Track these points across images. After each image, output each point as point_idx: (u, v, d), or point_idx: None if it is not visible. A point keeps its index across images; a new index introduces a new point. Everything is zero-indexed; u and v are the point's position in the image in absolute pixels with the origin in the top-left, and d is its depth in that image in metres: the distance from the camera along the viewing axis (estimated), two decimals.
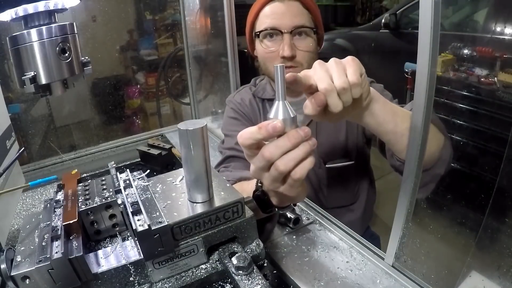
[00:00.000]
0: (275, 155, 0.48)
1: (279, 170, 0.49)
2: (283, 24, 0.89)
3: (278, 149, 0.48)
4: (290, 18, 0.89)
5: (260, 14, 0.94)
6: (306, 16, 0.91)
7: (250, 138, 0.49)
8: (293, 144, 0.48)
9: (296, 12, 0.90)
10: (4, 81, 1.35)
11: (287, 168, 0.48)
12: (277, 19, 0.90)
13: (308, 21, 0.91)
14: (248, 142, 0.50)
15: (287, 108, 0.49)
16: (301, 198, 0.62)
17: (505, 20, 1.01)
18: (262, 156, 0.49)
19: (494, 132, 0.92)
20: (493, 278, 0.54)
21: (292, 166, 0.48)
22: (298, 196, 0.58)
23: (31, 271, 0.45)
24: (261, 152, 0.49)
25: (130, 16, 1.96)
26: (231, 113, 1.06)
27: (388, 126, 0.61)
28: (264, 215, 0.63)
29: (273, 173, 0.50)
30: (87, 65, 0.53)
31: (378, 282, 0.64)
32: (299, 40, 0.91)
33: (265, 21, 0.92)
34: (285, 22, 0.89)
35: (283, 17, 0.89)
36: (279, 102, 0.49)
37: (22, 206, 0.97)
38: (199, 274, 0.54)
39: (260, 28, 0.94)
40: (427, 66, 0.53)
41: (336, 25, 5.81)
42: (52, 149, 1.47)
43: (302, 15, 0.90)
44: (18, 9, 0.46)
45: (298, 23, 0.89)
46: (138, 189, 0.58)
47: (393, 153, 0.68)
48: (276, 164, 0.49)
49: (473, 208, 0.65)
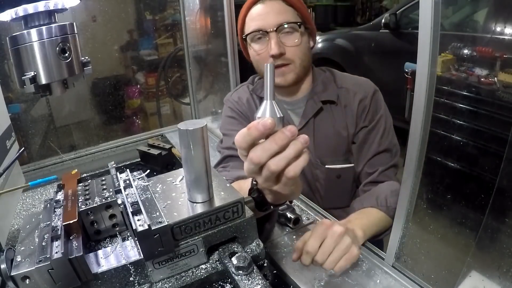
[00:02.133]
0: (263, 158, 0.48)
1: (271, 170, 0.48)
2: (267, 24, 0.90)
3: (265, 152, 0.48)
4: (274, 16, 0.90)
5: (246, 18, 0.95)
6: (291, 12, 0.91)
7: (243, 141, 0.49)
8: (280, 146, 0.48)
9: (279, 10, 0.90)
10: (4, 81, 1.35)
11: (278, 167, 0.48)
12: (261, 20, 0.91)
13: (292, 17, 0.91)
14: (243, 145, 0.49)
15: (275, 108, 0.49)
16: (296, 195, 0.62)
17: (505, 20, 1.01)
18: (250, 160, 0.49)
19: (494, 132, 0.92)
20: (493, 278, 0.54)
21: (284, 165, 0.48)
22: (293, 194, 0.58)
23: (31, 271, 0.45)
24: (249, 157, 0.49)
25: (130, 16, 1.96)
26: (229, 112, 1.06)
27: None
28: (261, 213, 0.63)
29: (265, 173, 0.50)
30: (87, 65, 0.53)
31: (378, 282, 0.64)
32: (286, 37, 0.91)
33: (251, 24, 0.93)
34: (268, 21, 0.90)
35: (267, 17, 0.90)
36: (267, 101, 0.49)
37: (22, 206, 0.97)
38: (199, 274, 0.54)
39: (247, 32, 0.95)
40: (427, 66, 0.53)
41: (336, 25, 5.82)
42: (52, 149, 1.47)
43: (285, 12, 0.91)
44: (18, 9, 0.46)
45: (282, 20, 0.89)
46: (138, 189, 0.58)
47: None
48: (267, 164, 0.48)
49: (473, 208, 0.65)
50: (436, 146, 0.63)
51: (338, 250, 0.62)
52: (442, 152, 0.77)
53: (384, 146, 0.93)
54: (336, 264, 0.62)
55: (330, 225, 0.64)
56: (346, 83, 0.98)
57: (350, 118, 0.96)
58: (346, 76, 1.02)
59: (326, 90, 0.97)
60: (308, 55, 0.96)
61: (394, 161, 0.93)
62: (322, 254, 0.63)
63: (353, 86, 0.97)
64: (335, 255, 0.62)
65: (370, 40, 3.30)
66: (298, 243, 0.65)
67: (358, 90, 0.96)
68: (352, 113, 0.95)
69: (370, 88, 0.97)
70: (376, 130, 0.94)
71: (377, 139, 0.93)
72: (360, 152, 0.95)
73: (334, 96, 0.96)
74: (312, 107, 0.97)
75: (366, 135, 0.94)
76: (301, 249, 0.64)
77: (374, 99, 0.96)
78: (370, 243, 0.75)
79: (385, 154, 0.93)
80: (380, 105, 0.96)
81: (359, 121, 0.95)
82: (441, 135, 0.80)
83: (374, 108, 0.95)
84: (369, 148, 0.93)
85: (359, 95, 0.95)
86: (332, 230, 0.63)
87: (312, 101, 0.97)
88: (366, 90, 0.96)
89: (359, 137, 0.95)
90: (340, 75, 1.02)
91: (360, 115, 0.95)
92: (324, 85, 0.98)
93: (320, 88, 0.98)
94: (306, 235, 0.65)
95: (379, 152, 0.93)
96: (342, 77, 1.01)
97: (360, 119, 0.95)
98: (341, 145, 0.96)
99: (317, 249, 0.63)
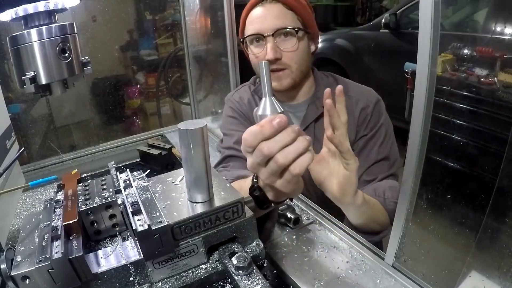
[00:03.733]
0: (274, 149, 0.48)
1: (279, 163, 0.48)
2: (264, 28, 0.89)
3: (277, 143, 0.48)
4: (271, 21, 0.89)
5: (246, 21, 0.95)
6: (290, 17, 0.90)
7: (254, 139, 0.49)
8: (292, 138, 0.48)
9: (278, 14, 0.89)
10: (4, 81, 1.35)
11: (286, 161, 0.48)
12: (259, 23, 0.90)
13: (291, 21, 0.90)
14: (254, 143, 0.49)
15: (275, 105, 0.49)
16: (297, 193, 0.62)
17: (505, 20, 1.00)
18: (260, 151, 0.49)
19: (494, 132, 0.92)
20: (493, 278, 0.54)
21: (292, 159, 0.48)
22: (295, 191, 0.58)
23: (31, 271, 0.45)
24: (259, 148, 0.49)
25: (130, 16, 1.96)
26: (230, 112, 1.06)
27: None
28: (262, 212, 0.63)
29: (272, 167, 0.49)
30: (87, 65, 0.53)
31: (378, 282, 0.64)
32: (283, 42, 0.90)
33: (249, 27, 0.93)
34: (266, 25, 0.89)
35: (265, 20, 0.90)
36: (266, 98, 0.49)
37: (22, 206, 0.97)
38: (199, 274, 0.54)
39: (246, 34, 0.94)
40: (427, 66, 0.53)
41: (336, 25, 5.82)
42: (52, 149, 1.47)
43: (284, 16, 0.89)
44: (18, 9, 0.46)
45: (279, 25, 0.88)
46: (138, 189, 0.58)
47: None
48: (276, 157, 0.48)
49: (473, 208, 0.65)
50: (436, 146, 0.63)
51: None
52: (442, 152, 0.77)
53: (383, 154, 0.92)
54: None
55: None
56: (349, 90, 0.98)
57: (351, 126, 0.94)
58: (349, 83, 1.01)
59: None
60: (306, 60, 0.95)
61: (392, 170, 0.92)
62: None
63: (356, 94, 0.97)
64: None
65: (370, 40, 3.30)
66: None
67: (361, 98, 0.95)
68: (353, 120, 0.94)
69: (372, 98, 0.96)
70: (375, 138, 0.93)
71: (376, 148, 0.92)
72: (359, 160, 0.94)
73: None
74: (314, 112, 0.96)
75: (366, 143, 0.93)
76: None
77: (376, 109, 0.95)
78: (370, 243, 0.75)
79: (384, 163, 0.92)
80: (381, 114, 0.95)
81: (360, 130, 0.95)
82: (441, 135, 0.79)
83: (376, 117, 0.94)
84: (367, 156, 0.93)
85: (361, 104, 0.95)
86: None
87: (313, 106, 0.97)
88: (368, 99, 0.95)
89: (359, 145, 0.94)
90: (343, 81, 1.02)
91: (361, 123, 0.94)
92: None
93: (322, 93, 0.97)
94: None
95: (378, 161, 0.92)
96: (345, 84, 1.00)
97: (360, 127, 0.95)
98: None
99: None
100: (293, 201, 0.86)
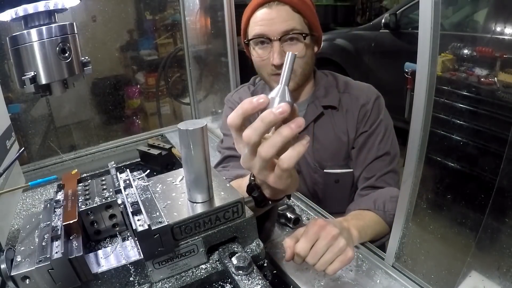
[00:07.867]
0: (253, 137, 0.47)
1: (261, 156, 0.47)
2: (271, 31, 0.87)
3: (255, 131, 0.47)
4: (279, 24, 0.86)
5: (250, 21, 0.92)
6: (297, 20, 0.88)
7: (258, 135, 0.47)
8: (266, 124, 0.46)
9: (286, 17, 0.87)
10: (4, 81, 1.35)
11: (268, 155, 0.47)
12: (266, 25, 0.88)
13: (299, 25, 0.88)
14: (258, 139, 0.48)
15: (286, 93, 0.47)
16: (292, 189, 0.60)
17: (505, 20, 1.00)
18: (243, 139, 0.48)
19: (494, 132, 0.92)
20: (493, 278, 0.54)
21: (273, 152, 0.47)
22: (290, 188, 0.56)
23: (31, 271, 0.45)
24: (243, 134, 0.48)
25: (130, 16, 1.96)
26: (229, 113, 1.05)
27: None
28: (260, 210, 0.63)
29: (258, 161, 0.49)
30: (87, 65, 0.53)
31: (378, 282, 0.64)
32: (290, 46, 0.88)
33: (255, 28, 0.90)
34: (274, 28, 0.87)
35: (272, 23, 0.87)
36: (281, 86, 0.47)
37: (22, 206, 0.97)
38: (199, 274, 0.54)
39: (250, 35, 0.92)
40: (427, 66, 0.53)
41: (336, 25, 5.81)
42: (52, 149, 1.47)
43: (292, 19, 0.87)
44: (18, 9, 0.46)
45: (287, 28, 0.86)
46: (138, 189, 0.58)
47: None
48: (258, 151, 0.48)
49: (473, 208, 0.65)
50: (436, 146, 0.63)
51: (331, 252, 0.59)
52: (442, 152, 0.77)
53: (383, 151, 0.92)
54: (329, 266, 0.59)
55: (323, 226, 0.61)
56: (348, 88, 0.98)
57: (351, 123, 0.95)
58: (349, 81, 1.01)
59: (327, 95, 0.96)
60: (310, 64, 0.94)
61: (392, 167, 0.92)
62: (314, 256, 0.59)
63: (355, 91, 0.97)
64: (327, 256, 0.59)
65: (370, 40, 3.29)
66: (289, 241, 0.60)
67: (360, 95, 0.95)
68: (353, 118, 0.94)
69: (372, 94, 0.96)
70: (375, 134, 0.93)
71: (376, 144, 0.92)
72: (359, 157, 0.94)
73: (336, 101, 0.95)
74: (313, 111, 0.96)
75: (366, 139, 0.93)
76: (293, 248, 0.61)
77: (376, 105, 0.95)
78: (370, 243, 0.75)
79: (384, 159, 0.92)
80: (381, 110, 0.95)
81: (360, 126, 0.94)
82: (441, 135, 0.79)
83: (376, 113, 0.94)
84: (367, 152, 0.93)
85: (361, 100, 0.95)
86: (326, 232, 0.60)
87: (313, 105, 0.96)
88: (368, 96, 0.95)
89: (359, 141, 0.94)
90: (342, 79, 1.01)
91: (361, 120, 0.94)
92: (326, 90, 0.97)
93: (321, 93, 0.97)
94: (298, 232, 0.62)
95: (378, 157, 0.92)
96: (345, 82, 1.00)
97: (360, 124, 0.94)
98: (340, 150, 0.96)
99: (308, 251, 0.59)
100: (290, 199, 0.85)
